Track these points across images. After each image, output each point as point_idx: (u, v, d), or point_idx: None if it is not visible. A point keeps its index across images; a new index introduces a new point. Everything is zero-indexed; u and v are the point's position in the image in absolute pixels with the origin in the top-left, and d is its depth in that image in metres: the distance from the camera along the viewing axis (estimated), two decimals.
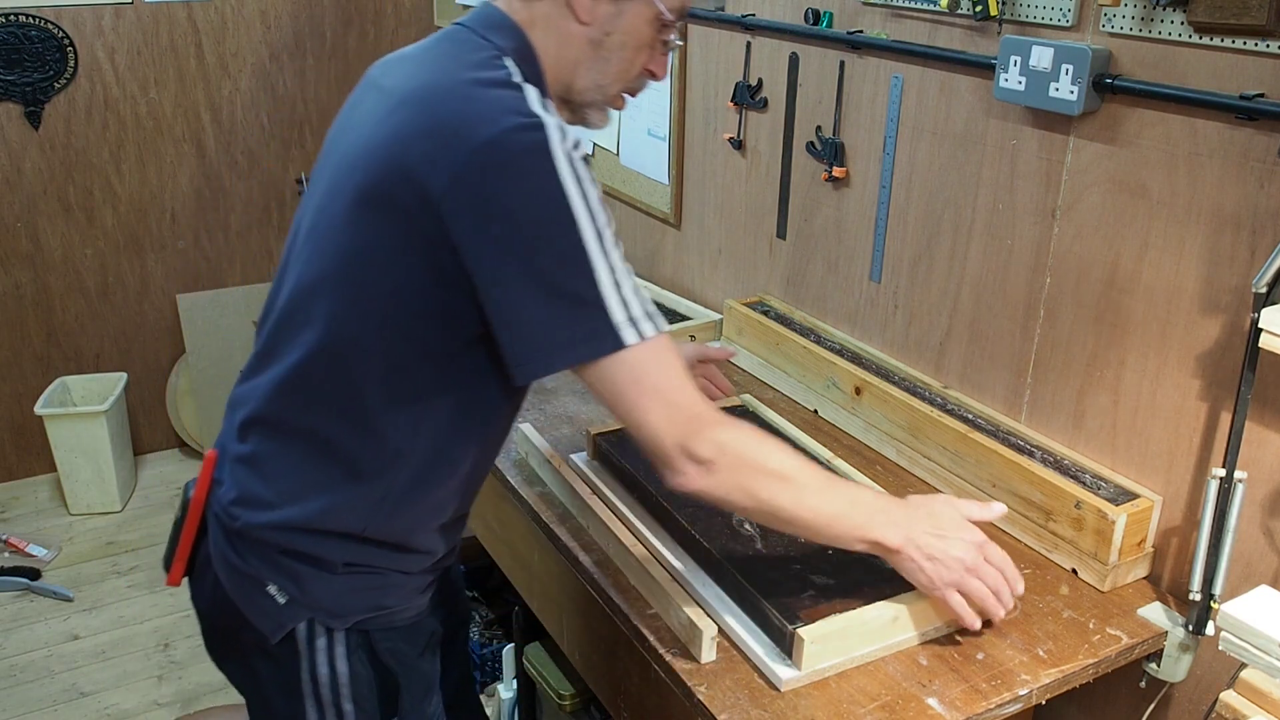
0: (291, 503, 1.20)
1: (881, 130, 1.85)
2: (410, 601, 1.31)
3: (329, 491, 1.19)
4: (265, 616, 1.22)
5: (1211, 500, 1.33)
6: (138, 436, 3.70)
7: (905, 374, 1.87)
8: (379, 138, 1.10)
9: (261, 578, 1.21)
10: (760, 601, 1.35)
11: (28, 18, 3.20)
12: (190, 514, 1.27)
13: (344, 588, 1.23)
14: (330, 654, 1.24)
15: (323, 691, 1.24)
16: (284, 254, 1.26)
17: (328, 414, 1.17)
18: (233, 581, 1.23)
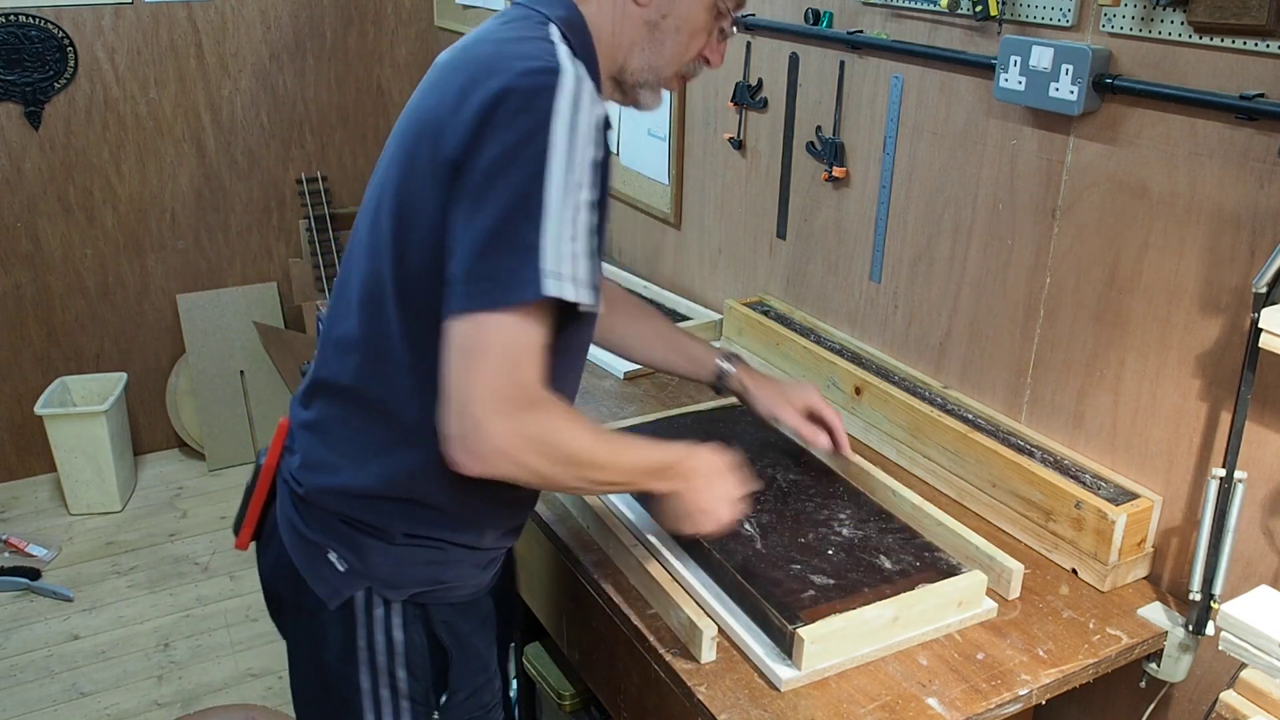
0: (352, 467, 1.21)
1: (881, 130, 1.85)
2: (468, 578, 1.31)
3: (388, 456, 1.20)
4: (325, 583, 1.24)
5: (1211, 500, 1.33)
6: (138, 436, 3.70)
7: (905, 374, 1.87)
8: (426, 105, 1.14)
9: (324, 545, 1.23)
10: (760, 601, 1.35)
11: (28, 18, 3.20)
12: (261, 479, 1.30)
13: (402, 559, 1.24)
14: (387, 623, 1.26)
15: (378, 658, 1.26)
16: (354, 227, 1.28)
17: (384, 378, 1.18)
18: (296, 547, 1.26)
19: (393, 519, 1.23)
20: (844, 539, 1.51)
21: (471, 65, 1.10)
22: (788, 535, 1.51)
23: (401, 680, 1.28)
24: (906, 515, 1.60)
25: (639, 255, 2.73)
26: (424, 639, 1.28)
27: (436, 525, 1.25)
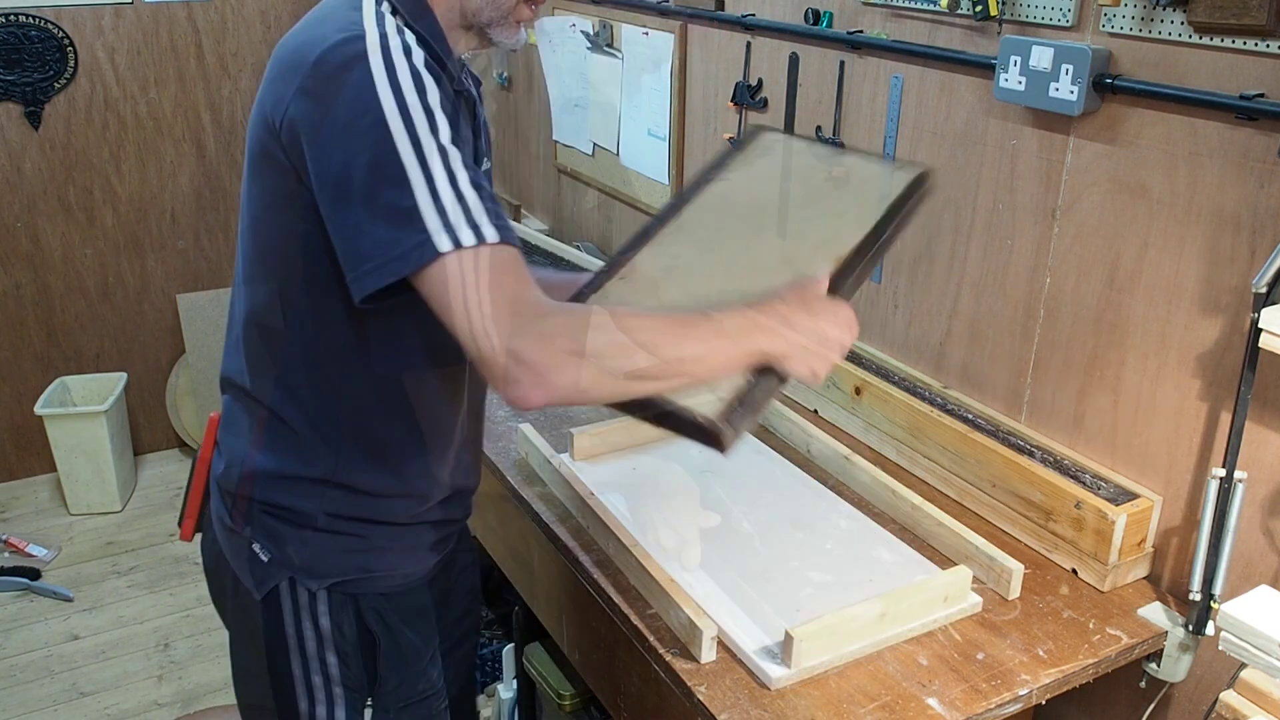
0: (262, 450, 1.24)
1: (881, 130, 1.85)
2: (397, 566, 1.31)
3: (292, 436, 1.22)
4: (250, 574, 1.27)
5: (1211, 500, 1.33)
6: (138, 436, 3.70)
7: (905, 374, 1.87)
8: (257, 108, 1.14)
9: (247, 536, 1.26)
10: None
11: (28, 18, 3.20)
12: (197, 473, 1.34)
13: (324, 548, 1.25)
14: (313, 610, 1.27)
15: (307, 645, 1.28)
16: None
17: (267, 365, 1.22)
18: (225, 539, 1.29)
19: (312, 499, 1.24)
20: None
21: (287, 58, 1.10)
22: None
23: (332, 666, 1.29)
24: (906, 515, 1.60)
25: None
26: (354, 627, 1.29)
27: (356, 502, 1.25)
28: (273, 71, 1.13)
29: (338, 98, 1.02)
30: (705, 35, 2.28)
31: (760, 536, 1.57)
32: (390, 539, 1.30)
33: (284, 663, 1.29)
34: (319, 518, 1.25)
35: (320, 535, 1.25)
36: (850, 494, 1.69)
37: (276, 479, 1.24)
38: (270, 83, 1.12)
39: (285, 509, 1.24)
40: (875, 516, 1.62)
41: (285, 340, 1.19)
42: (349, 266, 1.04)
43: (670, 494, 1.66)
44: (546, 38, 2.89)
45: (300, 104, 1.05)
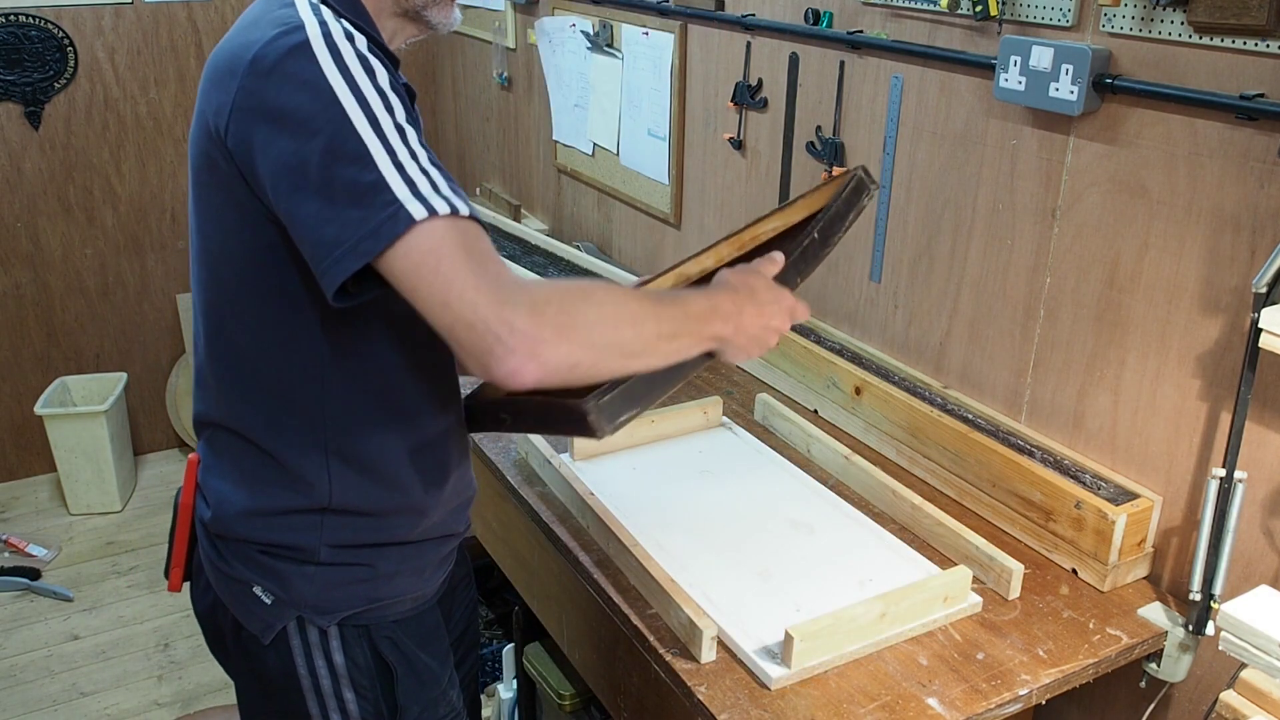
0: (249, 488, 1.18)
1: (881, 130, 1.85)
2: (408, 590, 1.27)
3: (278, 468, 1.16)
4: (254, 618, 1.22)
5: (1211, 500, 1.33)
6: (138, 436, 3.70)
7: (905, 374, 1.87)
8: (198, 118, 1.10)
9: (246, 579, 1.20)
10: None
11: (28, 18, 3.20)
12: (181, 519, 1.27)
13: (330, 582, 1.20)
14: (325, 647, 1.22)
15: (322, 683, 1.23)
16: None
17: (240, 396, 1.16)
18: (221, 585, 1.23)
19: (310, 532, 1.18)
20: None
21: (223, 63, 1.05)
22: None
23: (350, 702, 1.25)
24: (906, 515, 1.60)
25: (639, 255, 2.73)
26: (369, 659, 1.25)
27: (356, 526, 1.19)
28: (209, 80, 1.08)
29: (283, 88, 0.97)
30: (705, 35, 2.28)
31: (760, 536, 1.57)
32: (397, 562, 1.24)
33: (299, 705, 1.24)
34: (321, 550, 1.18)
35: (325, 569, 1.19)
36: (850, 494, 1.69)
37: (270, 516, 1.17)
38: (206, 92, 1.07)
39: (284, 547, 1.18)
40: (875, 516, 1.62)
41: (255, 364, 1.13)
42: (317, 259, 0.97)
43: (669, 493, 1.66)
44: (546, 38, 2.89)
45: (243, 103, 0.99)
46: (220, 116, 1.03)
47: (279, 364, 1.13)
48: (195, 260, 1.16)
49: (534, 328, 0.94)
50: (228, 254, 1.10)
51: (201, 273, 1.15)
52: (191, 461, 1.26)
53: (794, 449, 1.84)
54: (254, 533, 1.19)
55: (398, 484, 1.20)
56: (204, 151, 1.07)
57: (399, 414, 1.19)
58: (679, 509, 1.64)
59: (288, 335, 1.11)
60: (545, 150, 3.09)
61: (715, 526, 1.59)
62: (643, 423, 1.83)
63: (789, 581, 1.46)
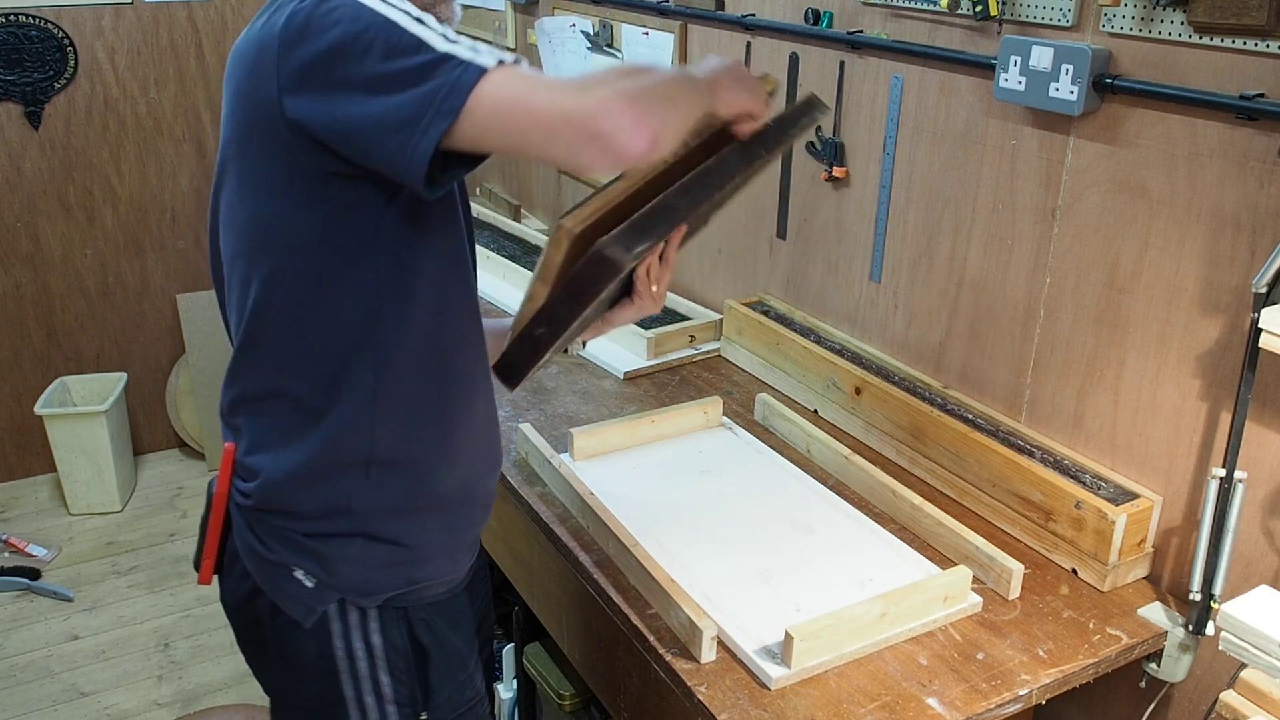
0: (300, 448, 1.19)
1: (881, 130, 1.85)
2: (443, 573, 1.30)
3: (330, 424, 1.18)
4: (295, 602, 1.23)
5: (1211, 500, 1.33)
6: (138, 436, 3.70)
7: (905, 374, 1.87)
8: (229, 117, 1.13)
9: (288, 564, 1.22)
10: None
11: (28, 18, 3.20)
12: (215, 509, 1.27)
13: (370, 563, 1.23)
14: (364, 629, 1.25)
15: (359, 665, 1.25)
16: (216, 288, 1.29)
17: (294, 362, 1.17)
18: (261, 571, 1.24)
19: (352, 491, 1.20)
20: None
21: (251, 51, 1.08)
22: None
23: (385, 685, 1.27)
24: (906, 515, 1.60)
25: None
26: (405, 641, 1.27)
27: (396, 483, 1.22)
28: (241, 65, 1.09)
29: (322, 35, 1.00)
30: (705, 35, 2.28)
31: (760, 536, 1.57)
32: (438, 527, 1.27)
33: (333, 689, 1.25)
34: (365, 517, 1.21)
35: (367, 547, 1.22)
36: (850, 494, 1.69)
37: (318, 478, 1.19)
38: (240, 76, 1.09)
39: (329, 515, 1.20)
40: (875, 516, 1.63)
41: (311, 328, 1.15)
42: (402, 143, 0.99)
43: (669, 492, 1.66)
44: (546, 38, 2.89)
45: (292, 68, 1.02)
46: (270, 92, 1.04)
47: (334, 324, 1.15)
48: (234, 244, 1.17)
49: (627, 104, 0.99)
50: (286, 224, 1.11)
51: (242, 254, 1.16)
52: (227, 450, 1.26)
53: (794, 449, 1.84)
54: (300, 501, 1.20)
55: (435, 427, 1.23)
56: (250, 131, 1.09)
57: (436, 358, 1.21)
58: (679, 509, 1.64)
59: (343, 294, 1.14)
60: None
61: (715, 527, 1.59)
62: (643, 422, 1.83)
63: (789, 581, 1.46)
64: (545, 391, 2.05)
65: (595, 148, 0.98)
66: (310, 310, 1.14)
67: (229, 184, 1.16)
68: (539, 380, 2.09)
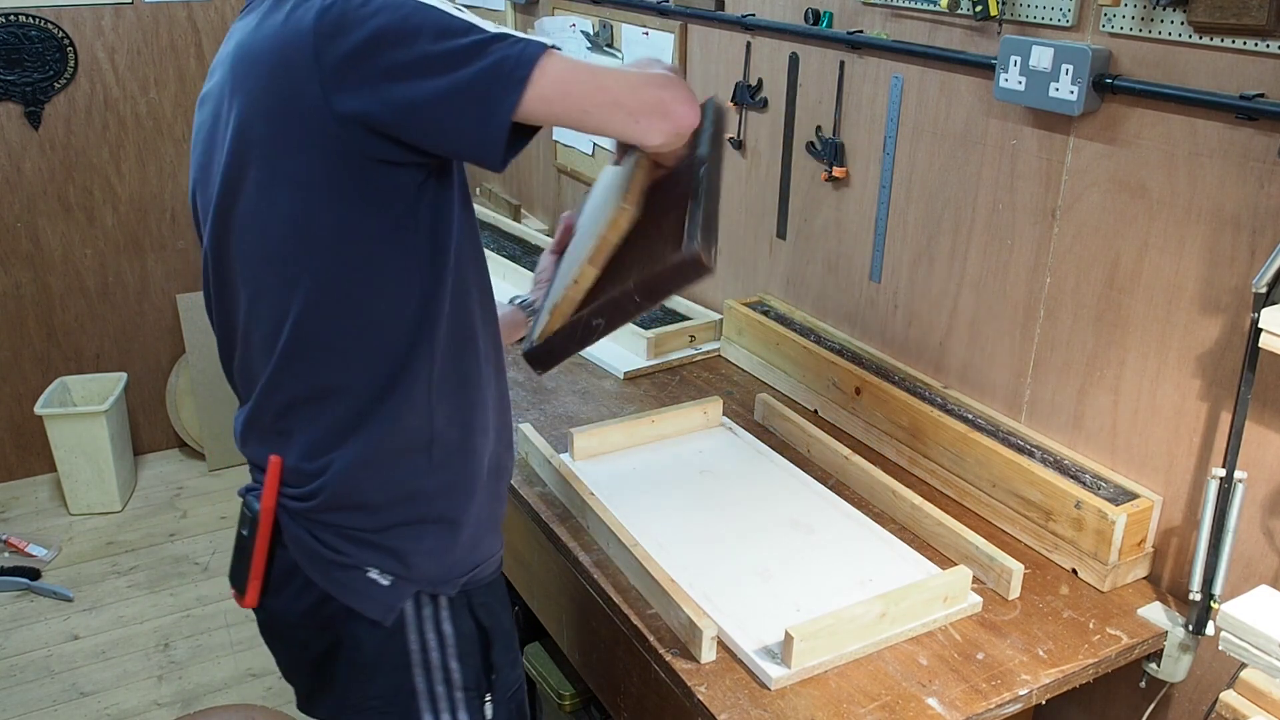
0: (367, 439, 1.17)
1: (881, 130, 1.85)
2: (493, 549, 1.33)
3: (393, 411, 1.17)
4: (374, 602, 1.22)
5: (1211, 500, 1.33)
6: (138, 436, 3.70)
7: (905, 374, 1.87)
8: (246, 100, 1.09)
9: (358, 564, 1.21)
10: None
11: (28, 18, 3.20)
12: (263, 525, 1.22)
13: (442, 549, 1.24)
14: (436, 619, 1.26)
15: (431, 656, 1.26)
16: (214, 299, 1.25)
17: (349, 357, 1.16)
18: (329, 577, 1.22)
19: (420, 475, 1.20)
20: None
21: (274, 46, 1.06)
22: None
23: (455, 672, 1.28)
24: (906, 515, 1.60)
25: None
26: (471, 625, 1.29)
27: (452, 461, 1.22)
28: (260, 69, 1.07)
29: (363, 26, 1.01)
30: (705, 35, 2.28)
31: (760, 536, 1.57)
32: (485, 502, 1.28)
33: (406, 682, 1.25)
34: (432, 502, 1.21)
35: (438, 533, 1.22)
36: (850, 494, 1.69)
37: (385, 464, 1.18)
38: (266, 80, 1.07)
39: (399, 502, 1.20)
40: (875, 516, 1.63)
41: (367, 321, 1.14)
42: (478, 117, 1.02)
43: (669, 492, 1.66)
44: (546, 38, 2.89)
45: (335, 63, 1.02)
46: (310, 89, 1.03)
47: (391, 312, 1.14)
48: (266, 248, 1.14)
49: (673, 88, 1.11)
50: (332, 218, 1.10)
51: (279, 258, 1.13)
52: (275, 463, 1.21)
53: (794, 449, 1.84)
54: (371, 493, 1.19)
55: (473, 401, 1.24)
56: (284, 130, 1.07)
57: (468, 333, 1.22)
58: (679, 509, 1.64)
59: (394, 281, 1.14)
60: (545, 150, 3.09)
61: (715, 526, 1.59)
62: (643, 422, 1.83)
63: (789, 581, 1.46)
64: (545, 391, 2.05)
65: (658, 117, 1.09)
66: (367, 302, 1.13)
67: (250, 188, 1.12)
68: (539, 380, 2.09)
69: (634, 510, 1.60)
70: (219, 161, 1.15)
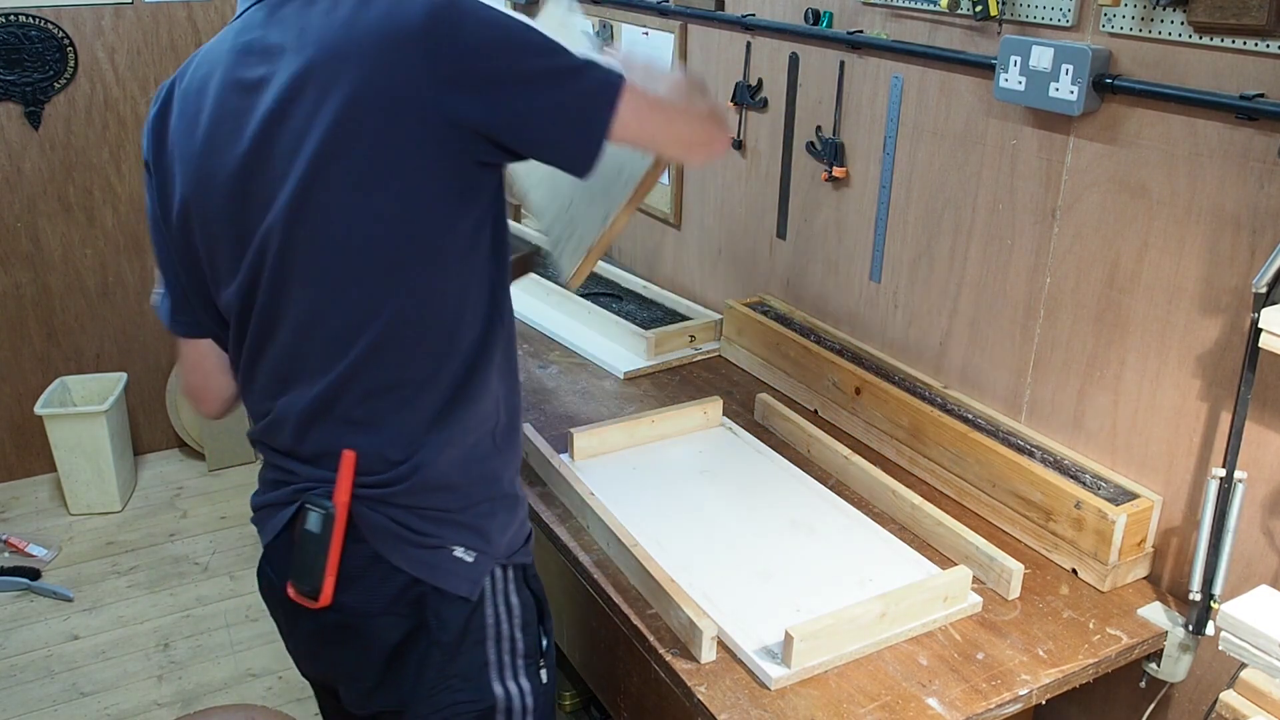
0: (448, 425, 1.22)
1: (881, 130, 1.85)
2: (528, 521, 1.38)
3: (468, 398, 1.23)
4: (460, 579, 1.25)
5: (1211, 500, 1.33)
6: (138, 436, 3.70)
7: (905, 374, 1.87)
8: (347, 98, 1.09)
9: (444, 544, 1.24)
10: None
11: (28, 18, 3.20)
12: (339, 521, 1.22)
13: (511, 523, 1.30)
14: (506, 591, 1.31)
15: (502, 627, 1.30)
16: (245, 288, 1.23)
17: (427, 350, 1.20)
18: (416, 560, 1.24)
19: (492, 456, 1.27)
20: None
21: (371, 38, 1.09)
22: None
23: (519, 641, 1.32)
24: (906, 515, 1.60)
25: (639, 255, 2.73)
26: (529, 596, 1.34)
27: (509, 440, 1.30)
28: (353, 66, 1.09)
29: (475, 35, 1.09)
30: (705, 35, 2.28)
31: (760, 536, 1.57)
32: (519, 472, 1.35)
33: (480, 655, 1.29)
34: (501, 478, 1.28)
35: (507, 507, 1.29)
36: (850, 494, 1.69)
37: (466, 447, 1.24)
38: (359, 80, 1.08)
39: (480, 481, 1.26)
40: (875, 516, 1.63)
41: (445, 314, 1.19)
42: (581, 134, 1.13)
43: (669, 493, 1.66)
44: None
45: (445, 65, 1.07)
46: (418, 90, 1.08)
47: (473, 300, 1.21)
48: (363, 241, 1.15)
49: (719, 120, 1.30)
50: (428, 212, 1.14)
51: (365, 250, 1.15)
52: (349, 457, 1.22)
53: (794, 449, 1.84)
54: (453, 474, 1.24)
55: (515, 385, 1.33)
56: (384, 127, 1.10)
57: (513, 321, 1.32)
58: (679, 509, 1.64)
59: (474, 272, 1.20)
60: None
61: (715, 526, 1.59)
62: (643, 422, 1.83)
63: (789, 581, 1.46)
64: (545, 391, 2.05)
65: (705, 153, 1.29)
66: (454, 294, 1.19)
67: (340, 179, 1.12)
68: (539, 380, 2.09)
69: (634, 510, 1.60)
70: (288, 151, 1.13)
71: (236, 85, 1.18)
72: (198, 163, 1.20)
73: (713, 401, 1.90)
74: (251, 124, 1.16)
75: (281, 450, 1.27)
